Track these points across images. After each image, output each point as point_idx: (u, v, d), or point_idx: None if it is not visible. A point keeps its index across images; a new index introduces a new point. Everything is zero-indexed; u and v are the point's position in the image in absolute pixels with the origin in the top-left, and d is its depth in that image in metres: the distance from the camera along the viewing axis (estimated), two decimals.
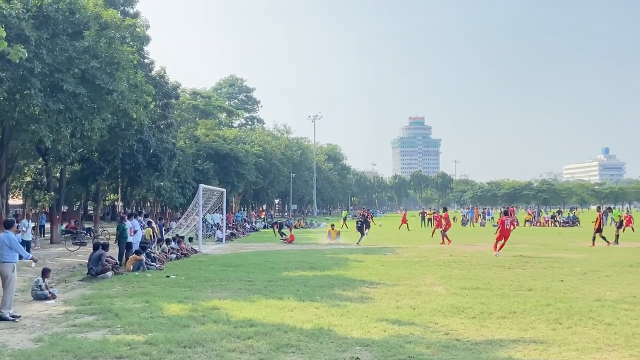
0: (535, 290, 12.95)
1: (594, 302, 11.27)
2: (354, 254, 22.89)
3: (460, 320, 9.81)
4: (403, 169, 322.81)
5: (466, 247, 26.82)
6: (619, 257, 20.47)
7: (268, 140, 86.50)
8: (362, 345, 8.12)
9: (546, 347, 7.93)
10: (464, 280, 14.81)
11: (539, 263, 18.89)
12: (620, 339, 8.30)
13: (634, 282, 14.23)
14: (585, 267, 17.46)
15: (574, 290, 12.91)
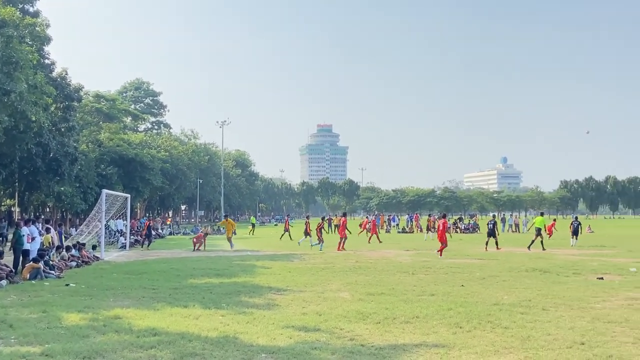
0: (437, 295, 13.30)
1: (492, 306, 11.69)
2: (261, 261, 22.80)
3: (365, 325, 9.92)
4: (311, 176, 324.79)
5: (372, 253, 27.25)
6: (516, 263, 21.37)
7: (175, 146, 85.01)
8: (268, 353, 8.07)
9: (447, 351, 8.14)
10: (369, 286, 15.03)
11: (441, 269, 19.44)
12: (516, 342, 8.64)
13: (529, 286, 14.88)
14: (484, 272, 18.11)
15: (474, 295, 13.36)
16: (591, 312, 11.10)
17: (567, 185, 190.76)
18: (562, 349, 8.14)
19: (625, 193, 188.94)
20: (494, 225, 29.77)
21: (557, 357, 7.69)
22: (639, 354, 7.83)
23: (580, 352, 7.98)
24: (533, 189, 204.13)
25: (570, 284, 15.42)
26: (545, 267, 19.63)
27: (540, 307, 11.60)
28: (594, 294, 13.46)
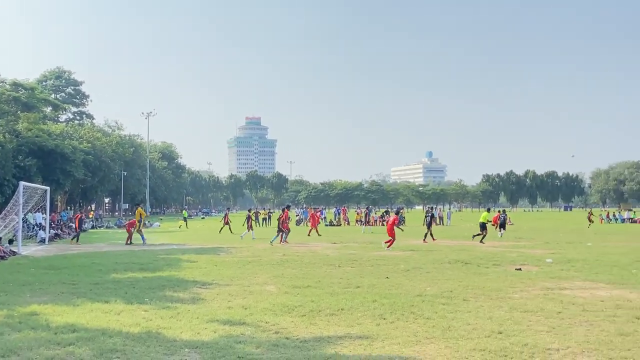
0: (362, 288, 13.45)
1: (415, 298, 11.92)
2: (187, 255, 22.49)
3: (290, 318, 9.93)
4: (239, 169, 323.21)
5: (299, 246, 27.32)
6: (439, 255, 21.87)
7: (98, 137, 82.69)
8: (191, 347, 7.96)
9: (371, 342, 8.24)
10: (296, 279, 15.06)
11: (367, 261, 19.68)
12: (437, 332, 8.83)
13: (451, 277, 15.25)
14: (408, 264, 18.45)
15: (398, 287, 13.58)
16: (509, 302, 11.47)
17: (489, 179, 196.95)
18: (481, 338, 8.38)
19: (544, 187, 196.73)
20: (431, 218, 30.60)
21: (475, 346, 7.89)
22: (554, 342, 8.12)
23: (497, 340, 8.23)
24: (457, 182, 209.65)
25: (490, 275, 15.89)
26: (467, 258, 20.17)
27: (461, 298, 11.90)
28: (512, 284, 13.91)
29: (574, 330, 8.92)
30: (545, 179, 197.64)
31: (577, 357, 7.40)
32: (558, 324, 9.33)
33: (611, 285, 13.72)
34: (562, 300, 11.53)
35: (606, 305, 10.96)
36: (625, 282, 14.26)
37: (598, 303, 11.25)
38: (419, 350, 7.83)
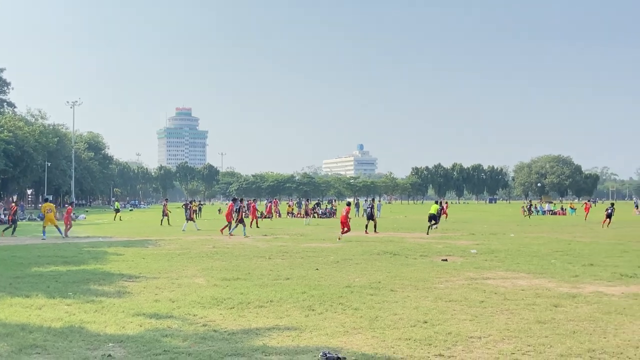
0: (292, 279, 13.49)
1: (344, 289, 12.04)
2: (113, 247, 21.99)
3: (219, 311, 9.86)
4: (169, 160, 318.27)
5: (230, 238, 27.15)
6: (369, 246, 22.15)
7: (20, 126, 79.77)
8: (115, 342, 7.80)
9: (299, 333, 8.28)
10: (225, 271, 14.97)
11: (297, 253, 19.75)
12: (365, 322, 8.95)
13: (379, 268, 15.48)
14: (338, 256, 18.61)
15: (328, 278, 13.69)
16: (435, 292, 11.74)
17: (418, 172, 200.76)
18: (407, 328, 8.54)
19: (470, 180, 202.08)
20: (371, 209, 31.16)
21: (401, 336, 8.05)
22: (476, 330, 8.36)
23: (422, 330, 8.41)
24: (387, 175, 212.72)
25: (417, 265, 16.21)
26: (395, 250, 20.50)
27: (389, 289, 12.09)
28: (438, 274, 14.24)
29: (495, 318, 9.21)
30: (472, 172, 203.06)
31: (497, 344, 7.64)
32: (481, 313, 9.61)
33: (531, 275, 14.23)
34: (485, 290, 11.88)
35: (526, 294, 11.37)
36: (544, 271, 14.82)
37: (519, 292, 11.65)
38: (346, 340, 7.91)
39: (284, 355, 7.21)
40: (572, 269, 15.19)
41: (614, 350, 7.30)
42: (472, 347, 7.55)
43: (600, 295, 11.31)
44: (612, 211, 38.09)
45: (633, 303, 10.42)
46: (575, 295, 11.26)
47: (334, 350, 7.30)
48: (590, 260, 17.24)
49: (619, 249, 21.07)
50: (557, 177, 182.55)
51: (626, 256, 18.48)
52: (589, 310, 9.77)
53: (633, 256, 18.44)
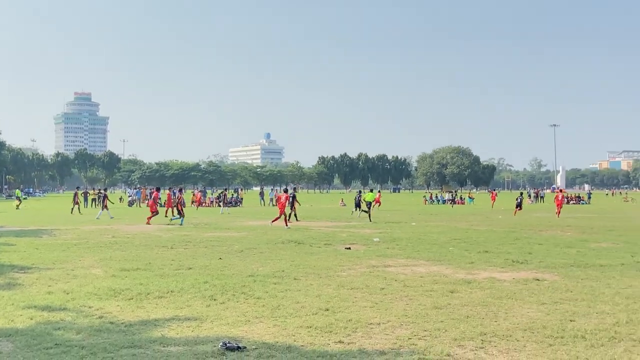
0: (194, 269, 13.28)
1: (247, 278, 11.97)
2: (4, 237, 20.92)
3: (116, 302, 9.57)
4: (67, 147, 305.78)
5: (130, 227, 26.44)
6: (274, 235, 22.15)
7: None
8: (4, 336, 7.40)
9: (199, 324, 8.16)
10: (125, 261, 14.55)
11: (201, 242, 19.48)
12: (267, 311, 8.93)
13: (284, 257, 15.50)
14: (243, 245, 18.51)
15: (231, 267, 13.57)
16: (337, 280, 11.88)
17: (324, 161, 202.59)
18: (309, 316, 8.60)
19: (375, 169, 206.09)
20: (293, 198, 31.29)
21: (302, 324, 8.09)
22: (375, 317, 8.52)
23: (324, 317, 8.49)
24: (294, 164, 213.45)
25: (321, 254, 16.36)
26: (300, 238, 20.60)
27: (293, 277, 12.13)
28: (341, 263, 14.43)
29: (394, 305, 9.43)
30: (377, 162, 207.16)
31: (396, 330, 7.82)
32: (381, 300, 9.81)
33: (430, 262, 14.67)
34: (385, 277, 12.14)
35: (425, 281, 11.70)
36: (442, 259, 15.31)
37: (418, 279, 11.98)
38: (247, 329, 7.87)
39: (183, 346, 7.08)
40: (468, 256, 15.78)
41: (504, 333, 7.63)
42: (371, 333, 7.69)
43: (493, 280, 11.80)
44: (522, 200, 41.78)
45: (522, 288, 10.94)
46: (470, 281, 11.69)
47: (234, 339, 7.24)
48: (485, 247, 17.98)
49: (512, 236, 22.08)
50: (457, 168, 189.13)
51: (518, 243, 19.38)
52: (482, 296, 10.17)
53: (524, 243, 19.37)
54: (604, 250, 17.49)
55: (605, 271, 13.08)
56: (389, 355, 6.70)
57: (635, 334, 7.53)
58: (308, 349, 6.97)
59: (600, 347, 7.02)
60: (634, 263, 14.51)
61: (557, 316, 8.57)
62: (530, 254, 16.38)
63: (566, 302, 9.57)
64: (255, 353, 6.78)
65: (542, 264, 14.21)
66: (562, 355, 6.71)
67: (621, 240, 20.68)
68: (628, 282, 11.68)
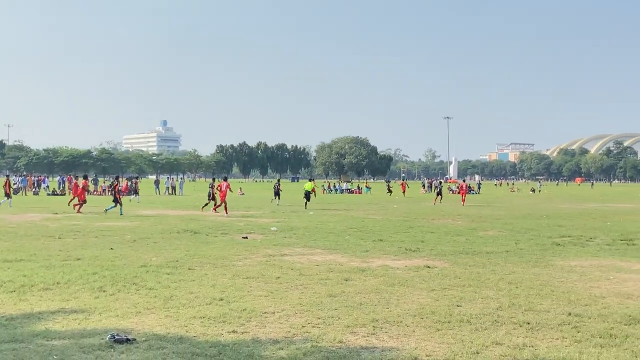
0: (83, 260, 12.78)
1: (139, 268, 11.65)
2: None
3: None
4: None
5: (15, 217, 25.12)
6: (169, 225, 21.71)
7: None
8: None
9: (87, 316, 7.85)
10: (7, 252, 13.78)
11: (91, 232, 18.80)
12: (159, 302, 8.72)
13: (178, 247, 15.21)
14: (136, 235, 18.01)
15: (122, 258, 13.16)
16: (233, 269, 11.78)
17: (223, 150, 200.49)
18: (202, 306, 8.47)
19: (274, 158, 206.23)
20: (212, 189, 31.23)
21: (196, 314, 7.96)
22: (270, 306, 8.51)
23: (218, 307, 8.39)
24: (191, 152, 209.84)
25: (217, 243, 16.19)
26: (196, 228, 20.30)
27: (187, 267, 11.93)
28: (238, 252, 14.33)
29: (289, 293, 9.45)
30: (276, 151, 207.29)
31: (290, 319, 7.84)
32: (276, 289, 9.81)
33: (326, 251, 14.83)
34: (282, 266, 12.16)
35: (320, 269, 11.82)
36: (338, 247, 15.53)
37: (313, 267, 12.08)
38: (137, 321, 7.65)
39: (69, 339, 6.79)
40: (363, 245, 16.08)
41: (395, 319, 7.82)
42: (266, 322, 7.67)
43: (387, 268, 12.08)
44: (441, 189, 44.48)
45: (414, 275, 11.26)
46: (364, 269, 11.91)
47: (123, 331, 7.02)
48: (380, 236, 18.39)
49: (406, 225, 22.71)
50: (355, 158, 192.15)
51: (411, 232, 19.96)
52: (375, 283, 10.38)
53: (417, 232, 19.97)
54: (490, 238, 18.30)
55: (491, 258, 13.70)
56: (282, 344, 6.70)
57: (516, 318, 7.92)
58: (200, 339, 6.87)
59: (484, 330, 7.33)
60: (518, 250, 15.28)
61: (445, 302, 8.88)
62: (422, 242, 16.90)
63: (454, 288, 9.93)
64: (145, 345, 6.61)
65: (433, 252, 14.70)
66: (449, 338, 6.95)
67: (507, 228, 21.73)
68: (511, 268, 12.27)
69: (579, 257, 14.13)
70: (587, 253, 14.89)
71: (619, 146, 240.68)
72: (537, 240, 17.52)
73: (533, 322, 7.67)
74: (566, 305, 8.72)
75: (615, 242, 17.22)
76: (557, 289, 9.98)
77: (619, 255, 14.55)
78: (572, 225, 23.06)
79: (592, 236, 18.83)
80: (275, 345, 6.65)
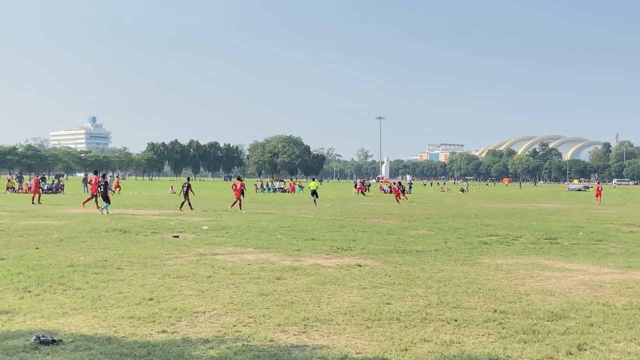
0: (7, 260, 12.38)
1: (66, 268, 11.37)
2: None
3: None
4: None
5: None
6: (97, 223, 21.21)
7: None
8: None
9: (11, 317, 7.63)
10: None
11: (16, 231, 18.21)
12: (87, 302, 8.55)
13: (107, 246, 14.90)
14: (63, 234, 17.54)
15: (49, 257, 12.81)
16: (163, 268, 11.64)
17: (154, 148, 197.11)
18: (131, 306, 8.36)
19: (207, 157, 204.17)
20: (188, 187, 30.90)
21: (125, 314, 7.84)
22: (201, 305, 8.48)
23: (148, 307, 8.30)
24: (121, 149, 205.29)
25: (148, 242, 15.95)
26: (125, 227, 19.93)
27: (116, 267, 11.72)
28: (168, 251, 14.16)
29: (221, 293, 9.43)
30: (208, 149, 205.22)
31: (221, 318, 7.83)
32: (207, 288, 9.77)
33: (259, 250, 14.83)
34: (213, 265, 12.11)
35: (252, 268, 11.82)
36: (270, 246, 15.55)
37: (245, 266, 12.07)
38: (64, 322, 7.49)
39: None
40: (295, 244, 16.15)
41: (326, 317, 7.92)
42: (196, 321, 7.64)
43: (319, 267, 12.19)
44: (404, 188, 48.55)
45: (345, 274, 11.41)
46: (296, 268, 11.99)
47: (49, 332, 6.87)
48: (312, 235, 18.51)
49: (338, 224, 22.93)
50: (288, 157, 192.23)
51: (343, 231, 20.18)
52: (307, 282, 10.47)
53: (349, 231, 20.20)
54: (420, 237, 18.70)
55: (421, 256, 14.02)
56: (212, 343, 6.70)
57: (444, 315, 8.15)
58: (129, 339, 6.79)
59: (412, 327, 7.51)
60: (446, 249, 15.68)
61: (376, 300, 9.05)
62: (354, 241, 17.11)
63: (384, 286, 10.13)
64: (72, 346, 6.48)
65: (365, 251, 14.92)
66: (379, 336, 7.10)
67: (436, 227, 22.23)
68: (440, 266, 12.60)
69: (505, 255, 14.63)
70: (513, 251, 15.43)
71: (545, 148, 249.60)
72: (466, 239, 18.01)
73: (460, 319, 7.90)
74: (492, 302, 9.02)
75: (540, 241, 17.88)
76: (483, 286, 10.30)
77: (543, 253, 15.14)
78: (499, 225, 23.79)
79: (517, 235, 19.49)
80: (206, 345, 6.64)
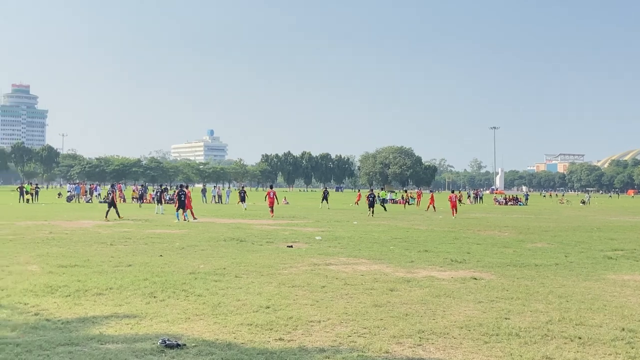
0: (134, 266, 13.10)
1: (188, 275, 11.88)
2: None
3: (53, 299, 9.36)
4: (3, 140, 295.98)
5: (69, 223, 25.83)
6: (216, 233, 22.00)
7: None
8: None
9: (138, 321, 8.07)
10: (63, 258, 14.23)
11: (141, 239, 19.20)
12: (207, 309, 8.89)
13: (225, 255, 15.42)
14: (184, 242, 18.33)
15: (171, 265, 13.44)
16: (279, 277, 11.91)
17: (267, 159, 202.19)
18: (249, 313, 8.61)
19: (318, 168, 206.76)
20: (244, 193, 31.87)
21: (243, 321, 8.09)
22: (316, 314, 8.60)
23: (265, 315, 8.51)
24: (237, 161, 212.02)
25: (263, 252, 16.36)
26: (242, 236, 20.54)
27: (234, 275, 12.10)
28: (283, 260, 14.46)
29: (335, 303, 9.52)
30: (320, 160, 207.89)
31: (336, 328, 7.91)
32: (321, 298, 9.89)
33: (371, 261, 14.84)
34: (327, 275, 12.23)
35: (365, 279, 11.84)
36: (383, 257, 15.52)
37: (358, 277, 12.12)
38: (187, 327, 7.83)
39: (122, 343, 7.00)
40: (408, 255, 16.03)
41: (441, 330, 7.81)
42: (312, 330, 7.76)
43: (432, 279, 12.03)
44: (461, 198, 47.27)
45: (460, 287, 11.20)
46: (409, 279, 11.89)
47: (174, 337, 7.20)
48: (425, 246, 18.29)
49: (451, 236, 22.52)
50: (399, 168, 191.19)
51: (457, 243, 19.80)
52: (421, 294, 10.36)
53: (463, 243, 19.80)
54: (539, 250, 18.03)
55: (540, 271, 13.50)
56: (328, 353, 6.77)
57: (566, 332, 7.81)
58: (248, 346, 6.99)
59: (533, 344, 7.25)
60: (567, 263, 15.01)
61: (493, 314, 8.82)
62: (468, 253, 16.76)
63: (502, 301, 9.85)
64: (195, 350, 6.76)
65: (480, 264, 14.57)
66: (497, 352, 6.91)
67: (556, 240, 21.35)
68: (561, 281, 12.08)
69: (633, 271, 13.82)
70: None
71: None
72: (588, 254, 17.16)
73: (585, 337, 7.55)
74: (619, 320, 8.56)
75: None
76: (609, 303, 9.79)
77: None
78: (625, 239, 22.52)
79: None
80: (322, 354, 6.72)
